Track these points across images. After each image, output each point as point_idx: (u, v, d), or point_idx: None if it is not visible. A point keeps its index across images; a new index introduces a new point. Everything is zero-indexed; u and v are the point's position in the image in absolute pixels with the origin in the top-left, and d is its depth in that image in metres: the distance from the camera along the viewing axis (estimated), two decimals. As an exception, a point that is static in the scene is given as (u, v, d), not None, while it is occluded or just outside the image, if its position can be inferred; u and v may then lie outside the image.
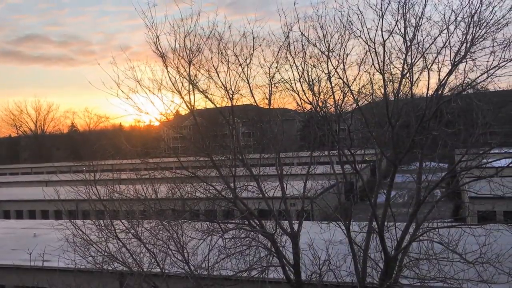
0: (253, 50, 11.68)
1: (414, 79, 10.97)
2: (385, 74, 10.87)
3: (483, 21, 10.02)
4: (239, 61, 11.70)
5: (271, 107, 12.55)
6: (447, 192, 11.77)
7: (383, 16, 10.36)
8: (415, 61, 10.74)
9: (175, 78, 11.51)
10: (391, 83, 11.29)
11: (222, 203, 12.38)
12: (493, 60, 9.86)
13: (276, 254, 11.76)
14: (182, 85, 11.61)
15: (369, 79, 11.40)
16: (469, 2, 10.06)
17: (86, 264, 11.93)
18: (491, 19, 10.04)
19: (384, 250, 10.98)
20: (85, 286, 12.30)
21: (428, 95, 10.86)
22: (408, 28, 10.52)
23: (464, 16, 10.18)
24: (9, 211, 40.84)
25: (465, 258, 10.12)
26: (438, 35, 10.45)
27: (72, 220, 12.43)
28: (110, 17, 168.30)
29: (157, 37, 11.19)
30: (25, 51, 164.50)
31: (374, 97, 11.78)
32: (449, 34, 10.30)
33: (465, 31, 10.21)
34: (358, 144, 13.26)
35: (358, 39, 10.97)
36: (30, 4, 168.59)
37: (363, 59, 11.14)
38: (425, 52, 10.60)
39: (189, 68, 11.47)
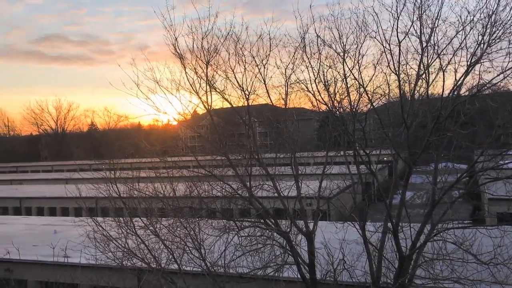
0: (270, 51, 11.86)
1: (430, 80, 11.02)
2: (401, 75, 10.94)
3: (500, 22, 10.01)
4: (255, 62, 11.89)
5: (287, 107, 12.70)
6: (463, 193, 11.74)
7: (398, 17, 10.43)
8: (431, 62, 10.78)
9: (193, 79, 11.78)
10: (406, 83, 11.35)
11: (238, 202, 12.57)
12: (509, 61, 9.85)
13: (291, 252, 11.89)
14: (200, 85, 11.85)
15: (385, 79, 11.47)
16: (486, 3, 10.07)
17: (106, 260, 12.24)
18: (509, 20, 10.03)
19: (398, 250, 11.03)
20: (106, 280, 12.61)
21: (444, 96, 10.88)
22: (424, 29, 10.57)
23: (481, 17, 10.18)
24: (30, 208, 41.71)
25: (479, 259, 10.13)
26: (454, 36, 10.48)
27: (93, 217, 12.76)
28: (127, 17, 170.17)
29: (176, 39, 11.44)
30: (45, 51, 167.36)
31: (389, 97, 11.84)
32: (465, 35, 10.32)
33: (482, 32, 10.21)
34: (374, 145, 13.30)
35: (373, 40, 11.07)
36: (49, 4, 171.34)
37: (378, 59, 11.23)
38: (441, 53, 10.63)
39: (207, 69, 11.71)
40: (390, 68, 10.98)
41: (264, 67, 11.94)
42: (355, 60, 11.25)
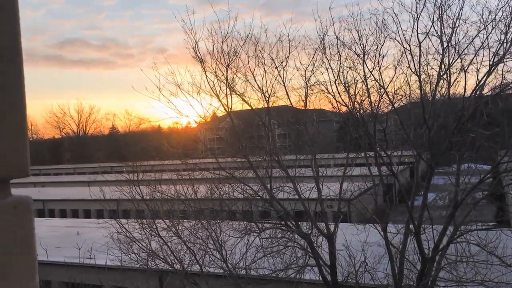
0: (289, 53, 11.90)
1: (452, 80, 10.92)
2: (422, 76, 10.88)
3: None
4: (275, 64, 11.94)
5: (307, 108, 12.71)
6: (485, 194, 11.59)
7: (418, 17, 10.38)
8: (452, 62, 10.70)
9: (213, 82, 11.88)
10: (427, 84, 11.28)
11: (259, 204, 12.63)
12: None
13: (312, 254, 11.89)
14: (220, 88, 11.95)
15: (406, 80, 11.42)
16: (508, 1, 9.96)
17: (130, 261, 12.43)
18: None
19: (420, 252, 10.95)
20: (129, 281, 12.81)
21: (466, 96, 10.78)
22: (444, 29, 10.49)
23: (503, 16, 10.07)
24: (53, 210, 42.46)
25: (504, 261, 9.99)
26: (475, 36, 10.37)
27: (117, 219, 12.98)
28: (146, 21, 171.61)
29: (196, 43, 11.57)
30: (66, 55, 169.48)
31: (410, 98, 11.78)
32: (487, 35, 10.21)
33: (504, 31, 10.09)
34: (395, 146, 13.23)
35: (393, 41, 11.03)
36: (69, 9, 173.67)
37: (399, 60, 11.19)
38: (462, 53, 10.54)
39: (227, 72, 11.80)
40: (410, 68, 10.94)
41: (284, 69, 11.99)
42: (375, 61, 11.23)
